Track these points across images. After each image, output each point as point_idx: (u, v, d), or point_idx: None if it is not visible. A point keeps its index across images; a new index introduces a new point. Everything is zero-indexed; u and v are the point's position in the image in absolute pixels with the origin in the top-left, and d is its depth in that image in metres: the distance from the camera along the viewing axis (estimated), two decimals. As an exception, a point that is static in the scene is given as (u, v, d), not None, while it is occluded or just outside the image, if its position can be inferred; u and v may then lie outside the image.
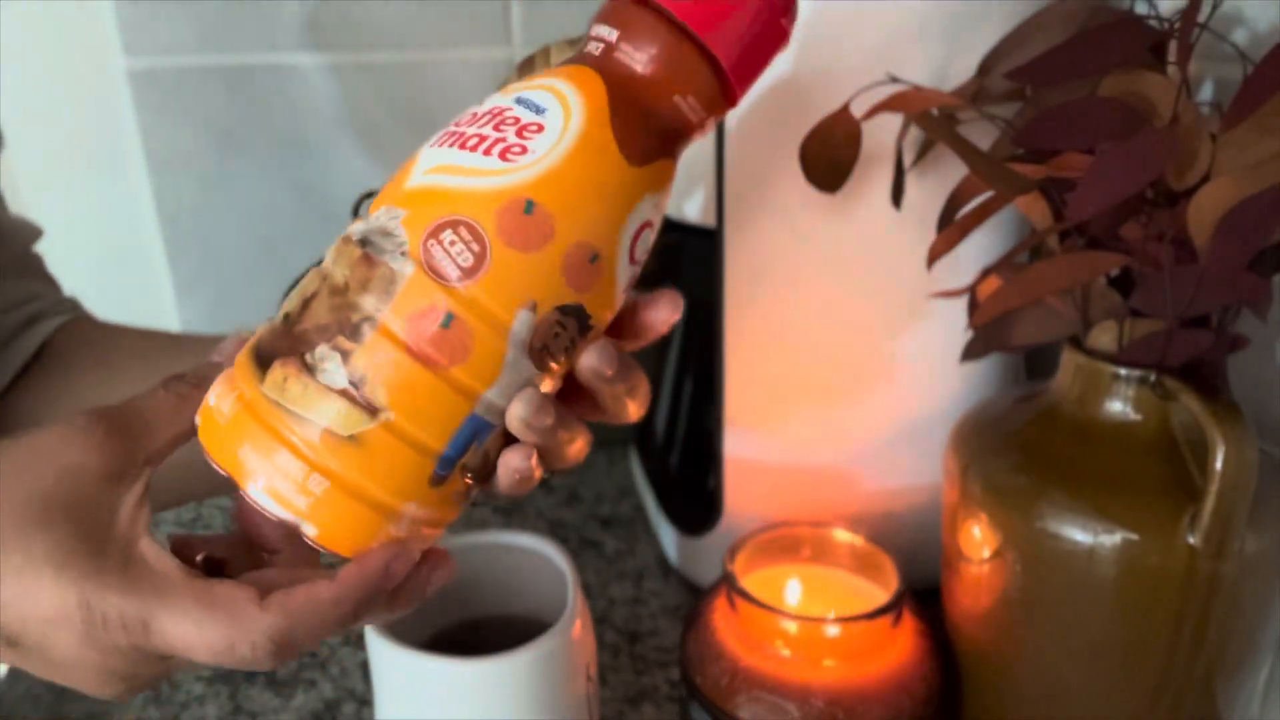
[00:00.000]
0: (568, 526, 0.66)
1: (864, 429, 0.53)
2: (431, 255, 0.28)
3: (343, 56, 0.75)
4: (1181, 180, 0.35)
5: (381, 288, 0.28)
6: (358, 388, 0.28)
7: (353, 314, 0.28)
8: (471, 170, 0.29)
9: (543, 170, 0.29)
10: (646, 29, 0.30)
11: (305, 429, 0.28)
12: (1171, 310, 0.37)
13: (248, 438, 0.29)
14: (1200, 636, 0.38)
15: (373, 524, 0.29)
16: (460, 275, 0.28)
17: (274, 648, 0.28)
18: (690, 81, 0.30)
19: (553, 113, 0.29)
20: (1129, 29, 0.37)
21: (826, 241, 0.49)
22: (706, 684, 0.43)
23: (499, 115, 0.30)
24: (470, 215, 0.28)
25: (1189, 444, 0.38)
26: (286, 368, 0.29)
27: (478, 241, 0.28)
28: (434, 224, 0.28)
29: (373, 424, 0.28)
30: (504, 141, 0.29)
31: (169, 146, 0.77)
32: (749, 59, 0.30)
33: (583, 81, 0.30)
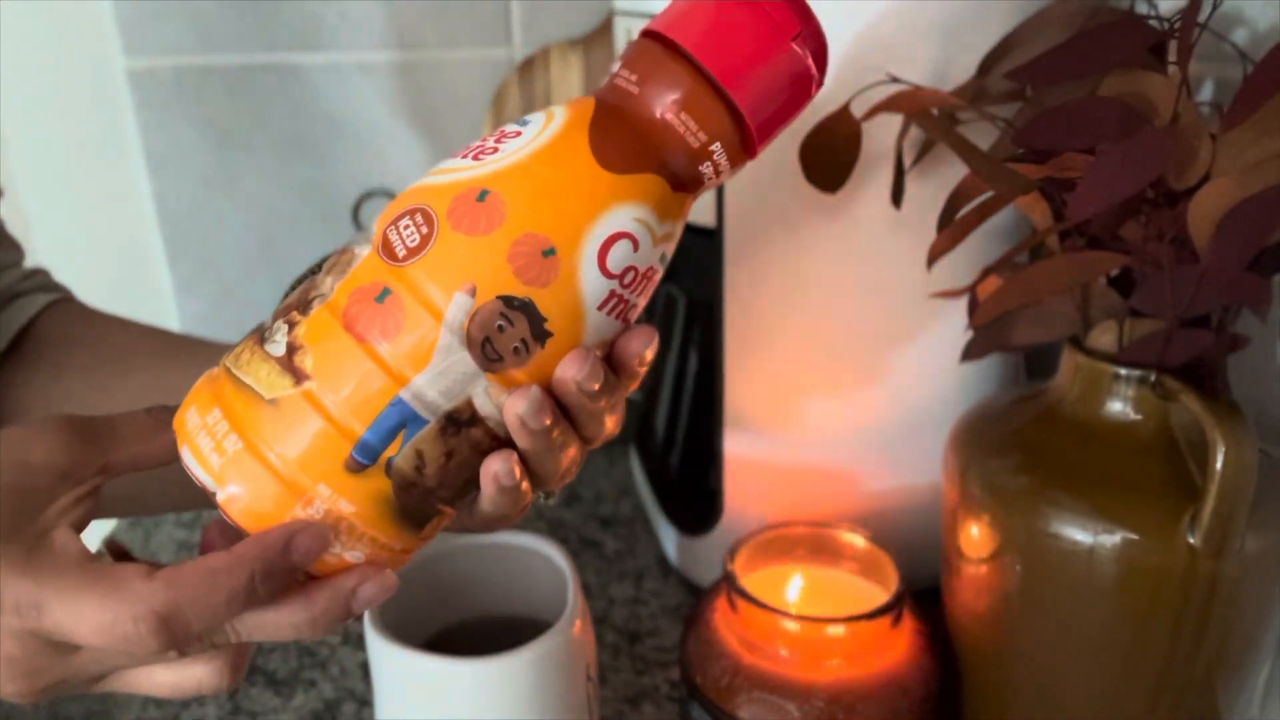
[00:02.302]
0: (568, 526, 0.66)
1: (864, 429, 0.53)
2: (386, 238, 0.29)
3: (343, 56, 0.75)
4: (1181, 180, 0.35)
5: (340, 269, 0.29)
6: (291, 354, 0.28)
7: (311, 292, 0.30)
8: (446, 170, 0.30)
9: (504, 165, 0.29)
10: (648, 55, 0.31)
11: (238, 391, 0.29)
12: (1171, 310, 0.37)
13: (195, 400, 0.30)
14: (1200, 636, 0.38)
15: (281, 500, 0.28)
16: (406, 255, 0.28)
17: (159, 621, 0.26)
18: (685, 99, 0.30)
19: (534, 124, 0.30)
20: (1129, 29, 0.37)
21: (826, 241, 0.49)
22: (706, 684, 0.43)
23: (498, 130, 0.31)
24: (426, 202, 0.29)
25: (1189, 444, 0.38)
26: (248, 341, 0.30)
27: (428, 224, 0.29)
28: (397, 213, 0.29)
29: (294, 390, 0.28)
30: (481, 146, 0.30)
31: (169, 146, 0.77)
32: (756, 84, 0.30)
33: (575, 102, 0.31)
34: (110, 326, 0.47)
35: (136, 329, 0.47)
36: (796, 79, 0.31)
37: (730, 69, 0.30)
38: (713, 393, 0.53)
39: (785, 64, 0.30)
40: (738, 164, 0.32)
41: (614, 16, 0.58)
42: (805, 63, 0.30)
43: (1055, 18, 0.42)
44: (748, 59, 0.30)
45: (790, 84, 0.31)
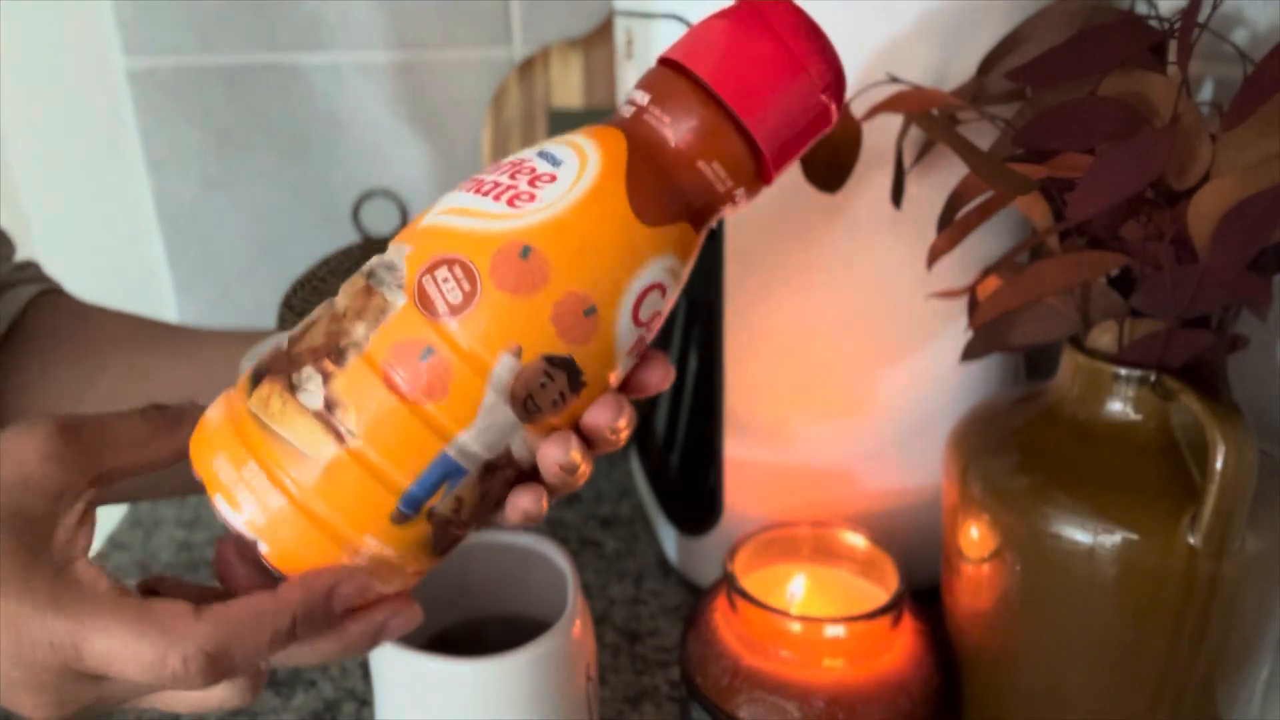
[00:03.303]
0: (568, 526, 0.66)
1: (864, 429, 0.53)
2: (424, 289, 0.28)
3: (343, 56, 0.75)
4: (1181, 180, 0.35)
5: (373, 316, 0.29)
6: (331, 410, 0.28)
7: (342, 339, 0.29)
8: (479, 213, 0.29)
9: (546, 218, 0.28)
10: (678, 96, 0.30)
11: (275, 445, 0.28)
12: (1171, 310, 0.37)
13: (224, 447, 0.29)
14: (1200, 636, 0.38)
15: (327, 551, 0.29)
16: (448, 311, 0.28)
17: (207, 661, 0.27)
18: (718, 149, 0.30)
19: (568, 165, 0.29)
20: (1129, 29, 0.37)
21: (826, 241, 0.49)
22: (706, 684, 0.43)
23: (519, 165, 0.30)
24: (466, 254, 0.28)
25: (1189, 444, 0.38)
26: (273, 384, 0.29)
27: (469, 279, 0.28)
28: (432, 260, 0.28)
29: (339, 449, 0.28)
30: (515, 189, 0.29)
31: (169, 146, 0.77)
32: (784, 134, 0.30)
33: (605, 139, 0.30)
34: (94, 316, 0.47)
35: (119, 318, 0.47)
36: (818, 119, 0.31)
37: (762, 118, 0.30)
38: (713, 393, 0.53)
39: (810, 108, 0.30)
40: (752, 198, 0.32)
41: (614, 16, 0.58)
42: (828, 107, 0.31)
43: (1055, 18, 0.42)
44: (779, 108, 0.30)
45: (811, 124, 0.31)
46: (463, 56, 0.75)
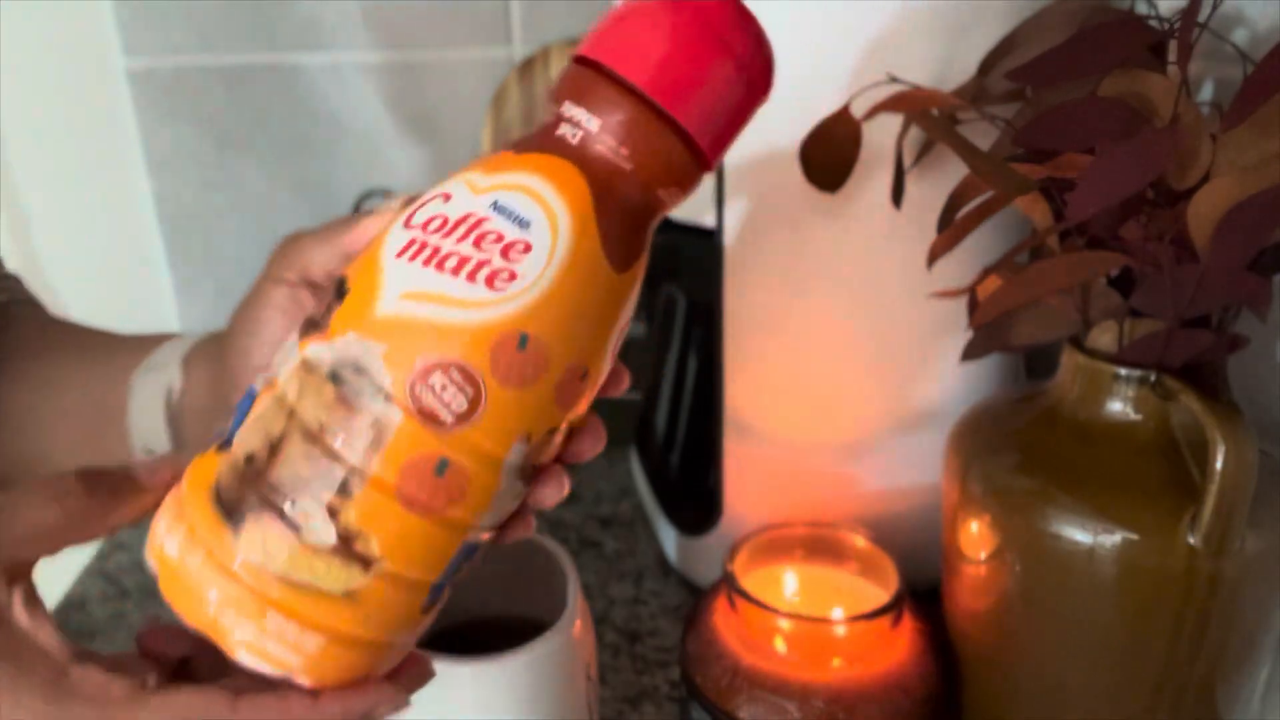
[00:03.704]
0: (568, 526, 0.66)
1: (864, 429, 0.53)
2: (421, 401, 0.26)
3: (343, 56, 0.75)
4: (1181, 180, 0.35)
5: (367, 437, 0.26)
6: (349, 543, 0.27)
7: (337, 466, 0.27)
8: (456, 301, 0.26)
9: (534, 299, 0.27)
10: (630, 120, 0.28)
11: (294, 591, 0.27)
12: (1171, 310, 0.37)
13: (231, 604, 0.27)
14: (1200, 636, 0.38)
15: (367, 663, 0.29)
16: (455, 421, 0.27)
17: None
18: (673, 172, 0.29)
19: (538, 226, 0.27)
20: (1129, 29, 0.37)
21: (826, 241, 0.49)
22: (706, 684, 0.43)
23: (477, 228, 0.27)
24: (462, 356, 0.26)
25: (1189, 444, 0.38)
26: (265, 527, 0.27)
27: (471, 384, 0.27)
28: (421, 365, 0.26)
29: (366, 576, 0.27)
30: (489, 265, 0.27)
31: (169, 146, 0.77)
32: (728, 130, 0.29)
33: (565, 183, 0.28)
34: (54, 329, 0.45)
35: (76, 330, 0.45)
36: (752, 104, 0.30)
37: (713, 132, 0.29)
38: (713, 393, 0.53)
39: (749, 101, 0.29)
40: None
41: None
42: (764, 88, 0.29)
43: (1055, 18, 0.42)
44: (725, 115, 0.29)
45: (747, 114, 0.30)
46: (463, 56, 0.75)
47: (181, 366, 0.38)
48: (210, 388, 0.37)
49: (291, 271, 0.34)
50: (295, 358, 0.28)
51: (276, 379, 0.28)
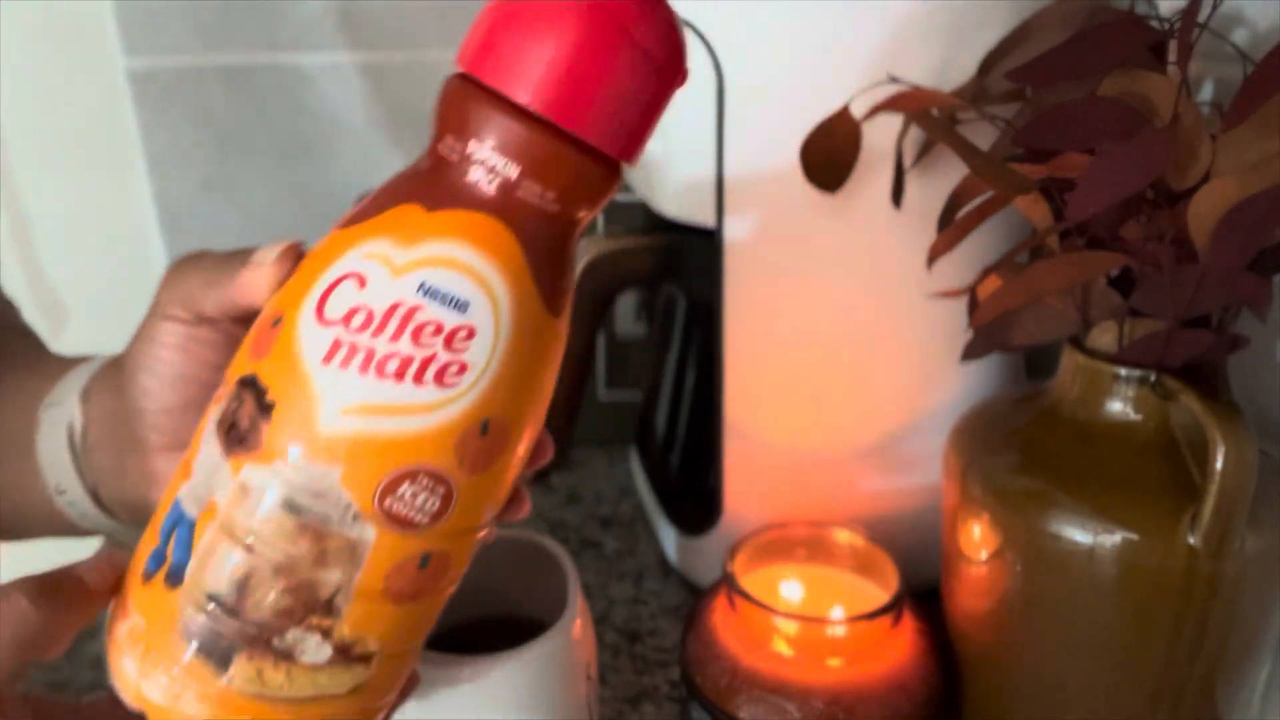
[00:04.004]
0: (568, 526, 0.66)
1: (864, 429, 0.53)
2: (393, 512, 0.25)
3: (343, 56, 0.75)
4: (1181, 180, 0.35)
5: (344, 558, 0.26)
6: (347, 652, 0.27)
7: (319, 591, 0.26)
8: (408, 408, 0.25)
9: (489, 382, 0.25)
10: (553, 159, 0.26)
11: (300, 704, 0.27)
12: (1171, 310, 0.37)
13: None
14: (1200, 636, 0.38)
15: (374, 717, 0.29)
16: (429, 520, 0.26)
17: None
18: (597, 192, 0.27)
19: (477, 306, 0.25)
20: (1129, 29, 0.37)
21: (826, 241, 0.49)
22: (706, 684, 0.43)
23: (410, 320, 0.25)
24: (428, 461, 0.25)
25: (1189, 444, 0.38)
26: (257, 662, 0.26)
27: (441, 484, 0.26)
28: (386, 480, 0.25)
29: (369, 669, 0.27)
30: (435, 361, 0.25)
31: (169, 146, 0.77)
32: (648, 130, 0.27)
33: (495, 248, 0.26)
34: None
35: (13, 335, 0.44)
36: (665, 103, 0.27)
37: (637, 143, 0.27)
38: (713, 392, 0.53)
39: (666, 97, 0.27)
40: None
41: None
42: (680, 83, 0.27)
43: (1055, 18, 0.42)
44: (644, 120, 0.27)
45: (662, 110, 0.27)
46: (463, 56, 0.75)
47: (80, 401, 0.36)
48: (111, 422, 0.35)
49: (183, 310, 0.32)
50: (230, 482, 0.26)
51: (215, 505, 0.26)
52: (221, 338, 0.32)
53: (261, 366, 0.26)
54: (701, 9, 0.45)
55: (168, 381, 0.33)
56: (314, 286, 0.26)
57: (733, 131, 0.47)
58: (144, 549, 0.28)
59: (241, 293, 0.30)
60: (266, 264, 0.29)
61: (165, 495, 0.28)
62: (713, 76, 0.46)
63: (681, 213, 0.51)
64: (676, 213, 0.51)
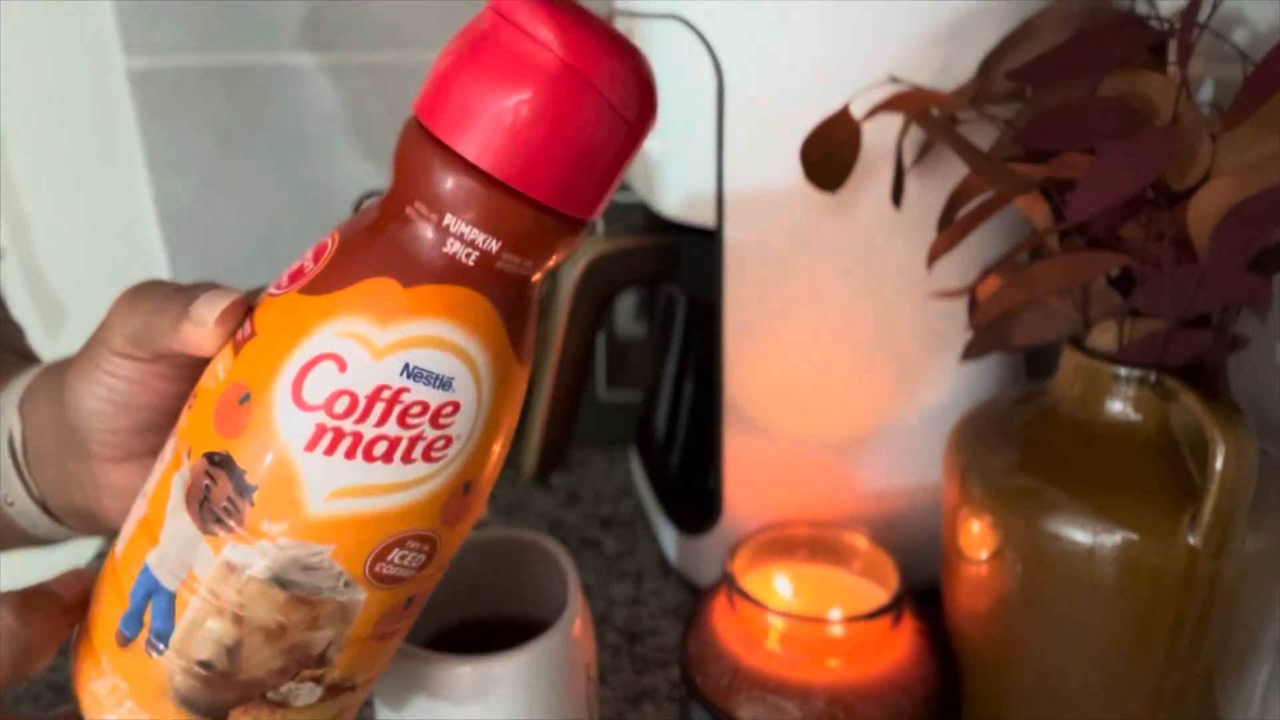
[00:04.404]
0: (568, 526, 0.66)
1: (864, 429, 0.53)
2: (383, 575, 0.26)
3: (343, 56, 0.75)
4: (1181, 180, 0.35)
5: (336, 619, 0.26)
6: (336, 689, 0.28)
7: (311, 649, 0.26)
8: (395, 485, 0.25)
9: (472, 448, 0.26)
10: (533, 230, 0.25)
11: None
12: (1171, 310, 0.37)
13: None
14: (1200, 636, 0.38)
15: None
16: (416, 573, 0.27)
17: None
18: (569, 248, 0.27)
19: (461, 382, 0.25)
20: (1129, 29, 0.37)
21: (826, 241, 0.49)
22: (706, 684, 0.43)
23: (395, 403, 0.24)
24: (417, 527, 0.26)
25: (1189, 444, 0.38)
26: (254, 712, 0.27)
27: (428, 543, 0.27)
28: (377, 550, 0.26)
29: (354, 694, 0.29)
30: (422, 440, 0.25)
31: (169, 146, 0.77)
32: (615, 184, 0.27)
33: (478, 323, 0.25)
34: None
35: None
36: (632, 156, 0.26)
37: (602, 204, 0.26)
38: (713, 393, 0.53)
39: (628, 158, 0.26)
40: None
41: (614, 16, 0.58)
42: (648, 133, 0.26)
43: (1055, 18, 0.42)
44: (616, 177, 0.26)
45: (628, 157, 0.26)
46: (463, 56, 0.75)
47: (18, 412, 0.35)
48: (53, 431, 0.34)
49: (134, 348, 0.30)
50: (212, 559, 0.26)
51: (196, 577, 0.26)
52: (175, 371, 0.31)
53: (234, 446, 0.25)
54: (701, 9, 0.45)
55: (118, 407, 0.31)
56: (285, 365, 0.25)
57: (733, 131, 0.47)
58: (110, 608, 0.28)
59: (183, 346, 0.29)
60: (208, 324, 0.28)
61: (125, 556, 0.28)
62: (713, 76, 0.46)
63: (681, 213, 0.51)
64: (676, 213, 0.51)
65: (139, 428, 0.32)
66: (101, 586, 0.29)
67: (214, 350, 0.28)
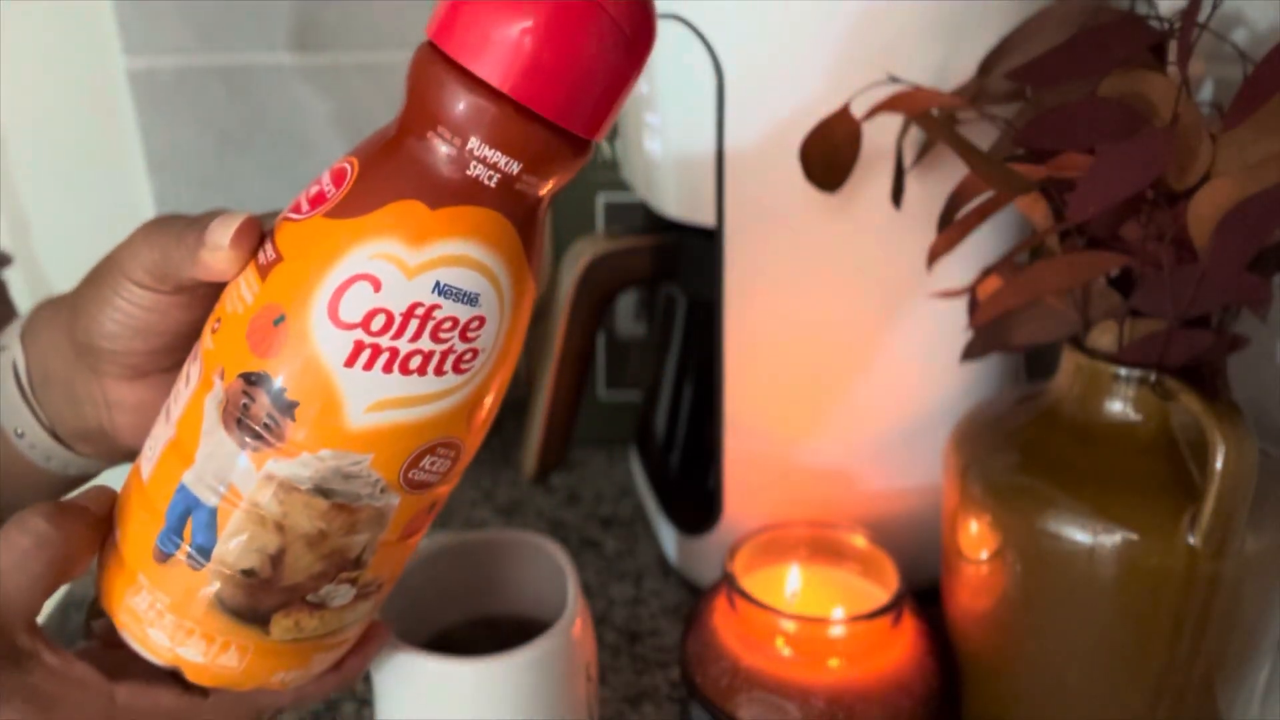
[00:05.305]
0: (568, 526, 0.66)
1: (864, 429, 0.53)
2: (415, 480, 0.28)
3: (343, 57, 0.75)
4: (1181, 180, 0.35)
5: (372, 523, 0.28)
6: (368, 589, 0.30)
7: (349, 552, 0.29)
8: (431, 396, 0.27)
9: (496, 358, 0.28)
10: (550, 152, 0.26)
11: (328, 638, 0.31)
12: (1171, 310, 0.37)
13: (281, 667, 0.30)
14: (1200, 636, 0.38)
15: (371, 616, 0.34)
16: (441, 478, 0.29)
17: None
18: (577, 170, 0.28)
19: (486, 297, 0.27)
20: (1129, 29, 0.37)
21: (826, 241, 0.49)
22: (706, 684, 0.43)
23: (429, 319, 0.26)
24: (448, 434, 0.28)
25: (1189, 444, 0.38)
26: (294, 615, 0.29)
27: (455, 449, 0.29)
28: (412, 456, 0.27)
29: (380, 594, 0.32)
30: (453, 352, 0.27)
31: (169, 146, 0.77)
32: (619, 109, 0.28)
33: (500, 241, 0.27)
34: None
35: None
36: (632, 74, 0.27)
37: (607, 126, 0.27)
38: (713, 393, 0.53)
39: (632, 78, 0.27)
40: None
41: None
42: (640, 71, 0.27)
43: (1055, 18, 0.42)
44: (618, 104, 0.27)
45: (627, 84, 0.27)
46: (463, 56, 0.75)
47: (20, 341, 0.36)
48: (58, 356, 0.35)
49: (152, 279, 0.31)
50: (254, 473, 0.27)
51: (238, 491, 0.27)
52: (194, 301, 0.32)
53: (271, 365, 0.27)
54: (701, 8, 0.45)
55: (135, 332, 0.32)
56: (320, 286, 0.26)
57: (733, 132, 0.47)
58: (143, 528, 0.29)
59: (205, 273, 0.30)
60: (224, 247, 0.29)
61: (155, 478, 0.29)
62: (713, 76, 0.46)
63: (681, 213, 0.51)
64: (676, 213, 0.51)
65: (153, 350, 0.33)
66: (127, 510, 0.30)
67: (233, 274, 0.29)
